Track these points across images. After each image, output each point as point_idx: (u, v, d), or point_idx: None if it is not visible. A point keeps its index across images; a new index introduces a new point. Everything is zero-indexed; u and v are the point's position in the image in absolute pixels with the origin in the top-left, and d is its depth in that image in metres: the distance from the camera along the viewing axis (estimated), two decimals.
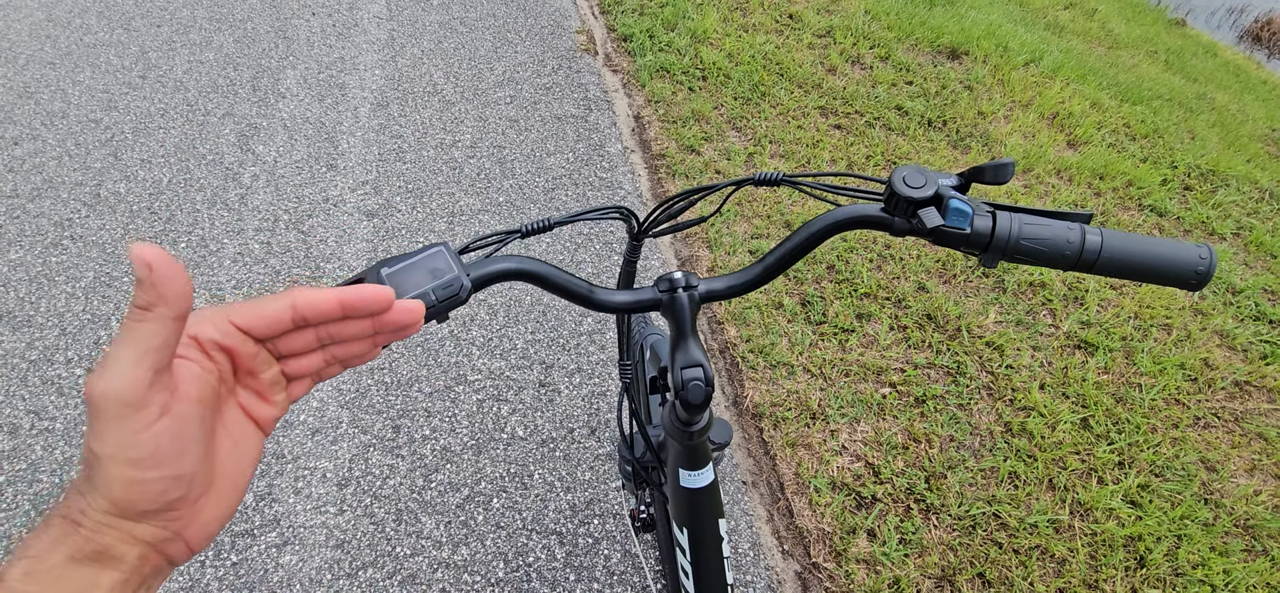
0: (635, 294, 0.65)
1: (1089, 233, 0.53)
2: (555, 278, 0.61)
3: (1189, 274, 0.53)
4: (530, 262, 0.60)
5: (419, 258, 0.52)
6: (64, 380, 1.85)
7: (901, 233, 0.57)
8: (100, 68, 2.98)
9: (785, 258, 0.63)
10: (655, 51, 3.31)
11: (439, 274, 0.52)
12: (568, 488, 1.70)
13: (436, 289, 0.51)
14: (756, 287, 0.65)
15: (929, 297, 2.20)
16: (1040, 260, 0.54)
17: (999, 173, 0.54)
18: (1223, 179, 3.02)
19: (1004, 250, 0.54)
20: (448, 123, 2.83)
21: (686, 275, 0.65)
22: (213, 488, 0.36)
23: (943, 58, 3.57)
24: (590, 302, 0.63)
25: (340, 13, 3.49)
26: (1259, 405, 2.01)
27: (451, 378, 1.91)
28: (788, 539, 1.65)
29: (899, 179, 0.55)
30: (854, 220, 0.59)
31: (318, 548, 1.56)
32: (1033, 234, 0.53)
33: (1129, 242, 0.53)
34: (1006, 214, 0.54)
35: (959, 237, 0.54)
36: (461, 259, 0.55)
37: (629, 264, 0.83)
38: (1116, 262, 0.53)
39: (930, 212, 0.54)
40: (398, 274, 0.51)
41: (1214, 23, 6.18)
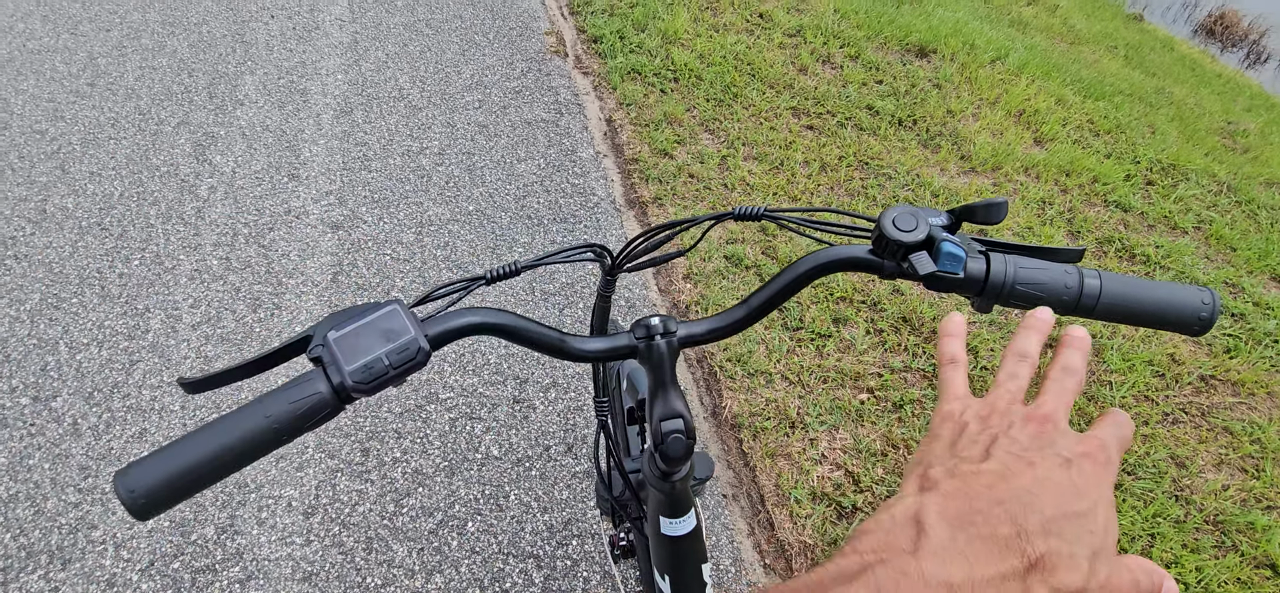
0: (610, 341, 0.62)
1: (1088, 276, 0.51)
2: (524, 330, 0.57)
3: (1192, 320, 0.51)
4: (496, 314, 0.56)
5: (371, 319, 0.48)
6: (8, 411, 1.75)
7: (891, 276, 0.55)
8: (45, 75, 2.84)
9: (769, 301, 0.60)
10: (626, 53, 3.27)
11: (392, 336, 0.48)
12: (545, 508, 1.66)
13: (390, 353, 0.47)
14: (740, 330, 0.62)
15: (904, 300, 2.20)
16: (1037, 305, 0.52)
17: (990, 213, 0.52)
18: (1183, 173, 3.09)
19: (999, 295, 0.52)
20: (414, 129, 2.75)
21: (665, 320, 0.62)
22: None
23: (911, 56, 3.59)
24: (563, 352, 0.60)
25: (300, 15, 3.38)
26: (1224, 399, 2.05)
27: (422, 397, 1.86)
28: (769, 553, 1.63)
29: (888, 222, 0.53)
30: (840, 262, 0.57)
31: (283, 582, 1.50)
32: (1029, 278, 0.51)
33: (1128, 286, 0.51)
34: (1001, 256, 0.52)
35: (953, 281, 0.52)
36: (417, 315, 0.51)
37: (603, 301, 0.80)
38: (1116, 306, 0.51)
39: (922, 257, 0.52)
40: (347, 338, 0.47)
41: (1170, 17, 6.34)
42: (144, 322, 1.98)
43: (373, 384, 0.47)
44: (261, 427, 0.44)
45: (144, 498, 0.42)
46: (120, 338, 1.94)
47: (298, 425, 0.45)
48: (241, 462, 0.44)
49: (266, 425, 0.44)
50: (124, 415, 1.77)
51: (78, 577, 1.49)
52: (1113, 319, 0.52)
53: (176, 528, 1.57)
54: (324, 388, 0.46)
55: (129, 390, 1.82)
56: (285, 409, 0.45)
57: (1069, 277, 0.51)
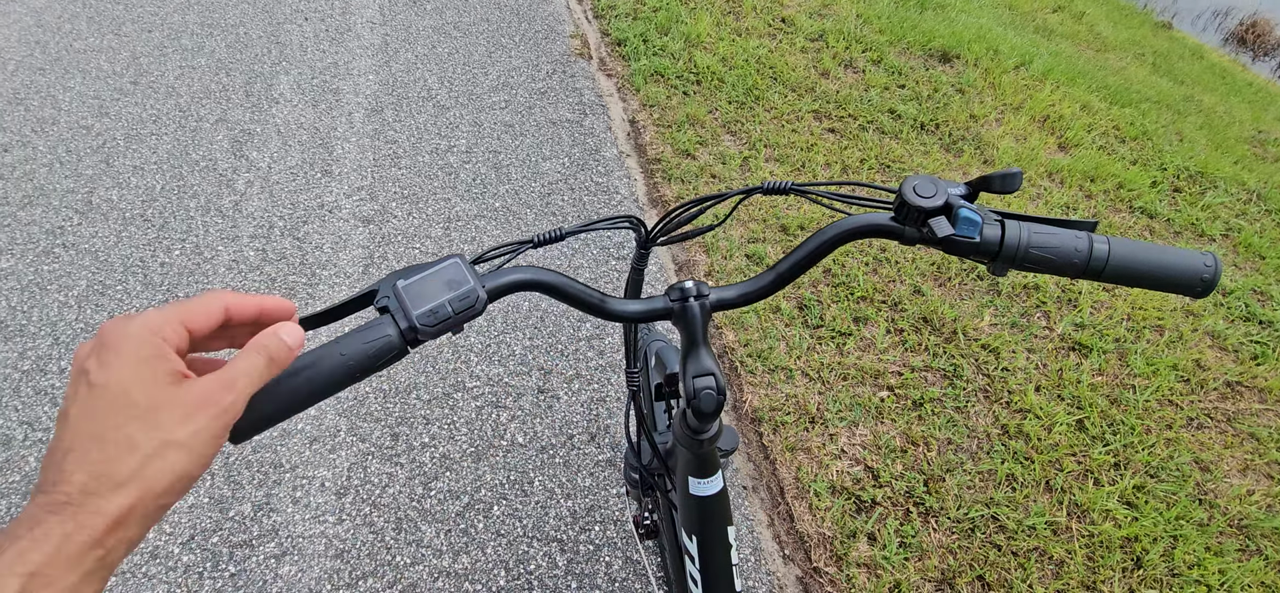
0: (647, 303, 0.66)
1: (1096, 241, 0.54)
2: (569, 288, 0.61)
3: (1194, 281, 0.54)
4: (544, 272, 0.60)
5: (435, 269, 0.52)
6: (57, 391, 1.83)
7: (911, 241, 0.58)
8: (91, 74, 2.96)
9: (796, 266, 0.64)
10: (649, 56, 3.31)
11: (455, 286, 0.52)
12: (568, 495, 1.70)
13: (453, 301, 0.51)
14: (768, 295, 0.66)
15: (925, 300, 2.21)
16: (1049, 268, 0.55)
17: (1007, 182, 0.55)
18: (1211, 181, 3.06)
19: (1013, 258, 0.54)
20: (443, 128, 2.82)
21: (698, 285, 0.65)
22: None
23: (934, 61, 3.59)
24: (603, 311, 0.64)
25: (333, 17, 3.48)
26: (1250, 405, 2.03)
27: (450, 385, 1.91)
28: (788, 544, 1.66)
29: (909, 188, 0.56)
30: (864, 229, 0.60)
31: (317, 558, 1.55)
32: (1041, 243, 0.54)
33: (1135, 250, 0.54)
34: (1016, 222, 0.55)
35: (969, 245, 0.55)
36: (476, 270, 0.55)
37: (636, 272, 0.84)
38: (1123, 269, 0.54)
39: (940, 221, 0.55)
40: (413, 285, 0.51)
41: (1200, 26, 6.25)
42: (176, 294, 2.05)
43: (437, 327, 0.51)
44: (338, 364, 0.48)
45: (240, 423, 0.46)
46: None
47: (369, 365, 0.49)
48: (321, 395, 0.48)
49: (341, 363, 0.48)
50: None
51: None
52: (1121, 282, 0.54)
53: (215, 505, 1.63)
54: (392, 331, 0.50)
55: None
56: (359, 349, 0.49)
57: (1079, 242, 0.54)
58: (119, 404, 0.36)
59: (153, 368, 0.37)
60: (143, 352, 0.37)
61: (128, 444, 0.35)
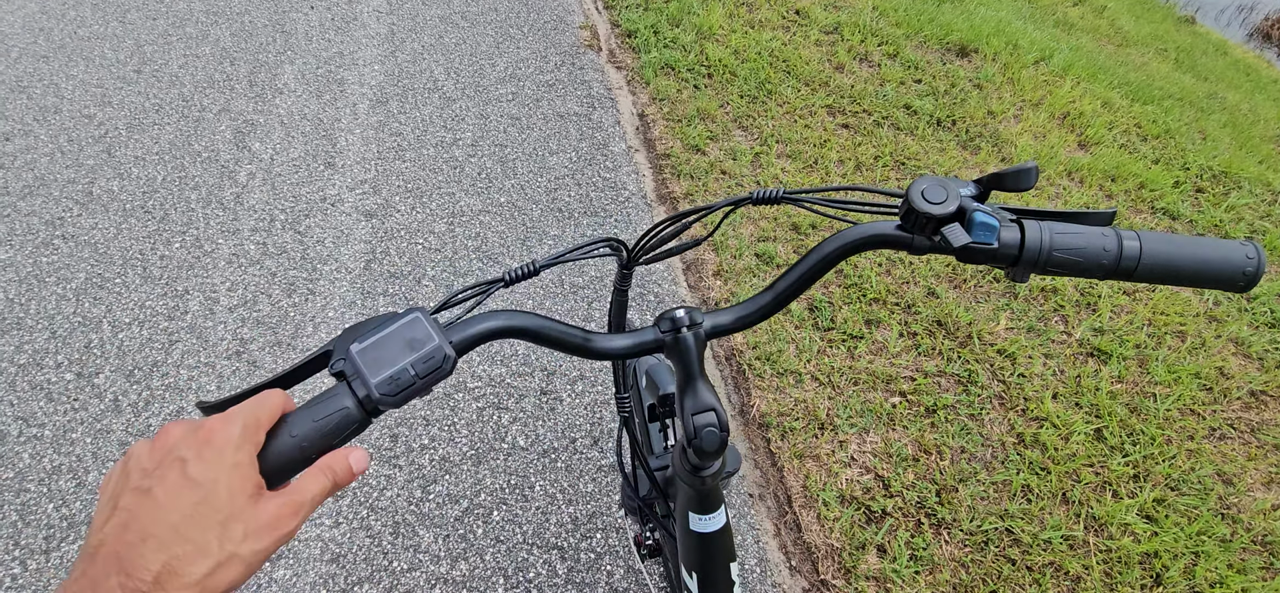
0: (636, 337, 0.60)
1: (1126, 238, 0.48)
2: (548, 331, 0.56)
3: (1237, 275, 0.48)
4: (519, 316, 0.55)
5: (393, 329, 0.47)
6: (54, 386, 1.81)
7: (922, 251, 0.52)
8: (94, 62, 2.93)
9: (795, 285, 0.58)
10: (660, 48, 3.25)
11: (417, 345, 0.46)
12: (570, 501, 1.66)
13: (416, 363, 0.46)
14: (766, 317, 0.61)
15: (939, 303, 2.15)
16: (1075, 271, 0.49)
17: (1020, 179, 0.49)
18: (1235, 181, 2.97)
19: (1036, 263, 0.49)
20: (448, 120, 2.78)
21: (690, 312, 0.60)
22: None
23: (951, 56, 3.51)
24: (588, 351, 0.58)
25: (339, 6, 3.43)
26: (1276, 416, 1.96)
27: (451, 386, 1.87)
28: (795, 555, 1.61)
29: (918, 194, 0.50)
30: (869, 240, 0.54)
31: (312, 562, 1.52)
32: (1066, 243, 0.48)
33: (1170, 244, 0.48)
34: (1034, 223, 0.49)
35: (987, 252, 0.49)
36: (439, 321, 0.49)
37: (620, 295, 0.78)
38: (1158, 267, 0.48)
39: (955, 228, 0.49)
40: (370, 349, 0.46)
41: (1223, 21, 6.10)
42: (183, 303, 2.03)
43: (400, 395, 0.45)
44: (289, 448, 0.43)
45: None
46: (160, 318, 1.98)
47: (325, 444, 0.44)
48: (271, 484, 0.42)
49: (293, 445, 0.43)
50: (163, 394, 1.81)
51: None
52: (1155, 280, 0.49)
53: None
54: (350, 403, 0.44)
55: (168, 370, 1.86)
56: (311, 428, 0.43)
57: (1107, 239, 0.48)
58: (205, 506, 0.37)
59: (242, 478, 0.39)
60: (238, 460, 0.39)
61: (202, 549, 0.36)
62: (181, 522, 0.36)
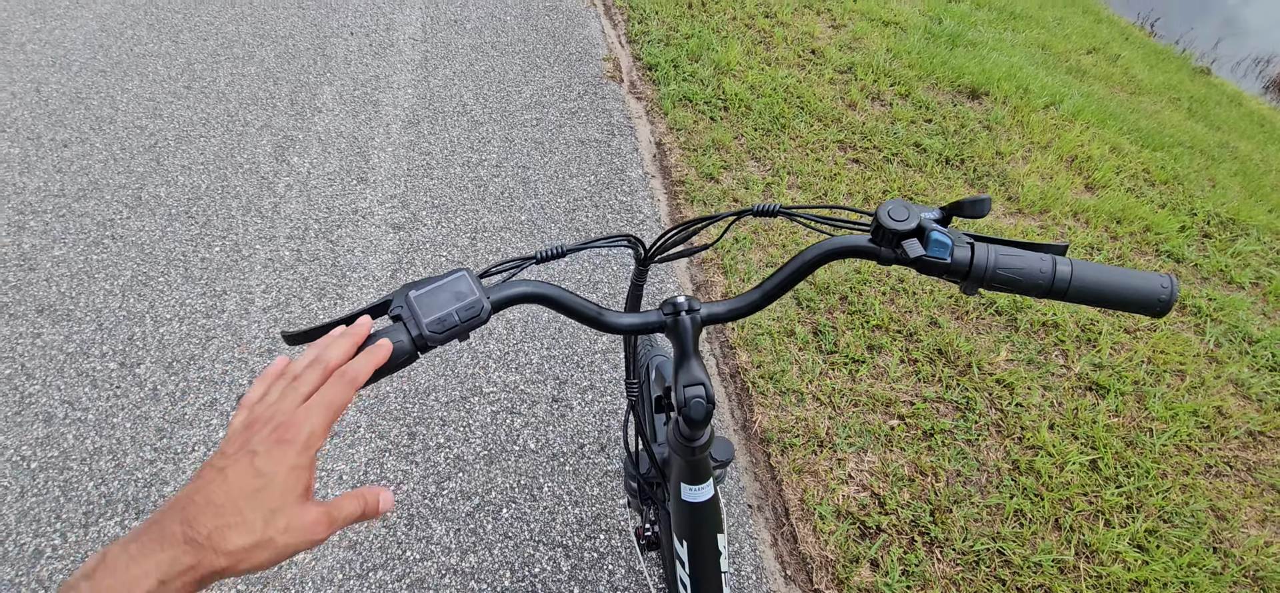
0: (642, 317, 0.70)
1: (1060, 263, 0.57)
2: (567, 301, 0.66)
3: (1153, 301, 0.56)
4: (545, 286, 0.65)
5: (443, 282, 0.57)
6: (98, 374, 1.93)
7: (887, 262, 0.61)
8: (148, 77, 3.12)
9: (781, 284, 0.68)
10: (679, 81, 3.39)
11: (462, 297, 0.57)
12: (576, 502, 1.73)
13: (460, 310, 0.56)
14: (756, 310, 0.70)
15: (941, 332, 2.21)
16: (1016, 288, 0.58)
17: (977, 207, 0.58)
18: (1243, 228, 3.01)
19: (982, 279, 0.58)
20: (475, 142, 2.92)
21: (689, 300, 0.70)
22: None
23: (963, 98, 3.61)
24: (599, 323, 0.68)
25: (377, 33, 3.63)
26: (1273, 456, 1.99)
27: (468, 389, 1.96)
28: (791, 564, 1.67)
29: (885, 212, 0.60)
30: (844, 250, 0.64)
31: (330, 548, 1.61)
32: (1009, 264, 0.57)
33: (1098, 272, 0.57)
34: (985, 245, 0.58)
35: (940, 266, 0.58)
36: (481, 283, 0.60)
37: (636, 288, 0.88)
38: (1086, 289, 0.57)
39: (913, 243, 0.58)
40: (424, 296, 0.56)
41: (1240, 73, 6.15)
42: (221, 303, 2.15)
43: (445, 334, 0.56)
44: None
45: None
46: (199, 316, 2.11)
47: (384, 368, 0.54)
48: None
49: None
50: (198, 386, 1.93)
51: None
52: (1084, 302, 0.57)
53: None
54: (404, 337, 0.55)
55: (204, 363, 1.98)
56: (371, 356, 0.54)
57: (1044, 263, 0.57)
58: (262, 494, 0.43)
59: (297, 480, 0.44)
60: (299, 463, 0.45)
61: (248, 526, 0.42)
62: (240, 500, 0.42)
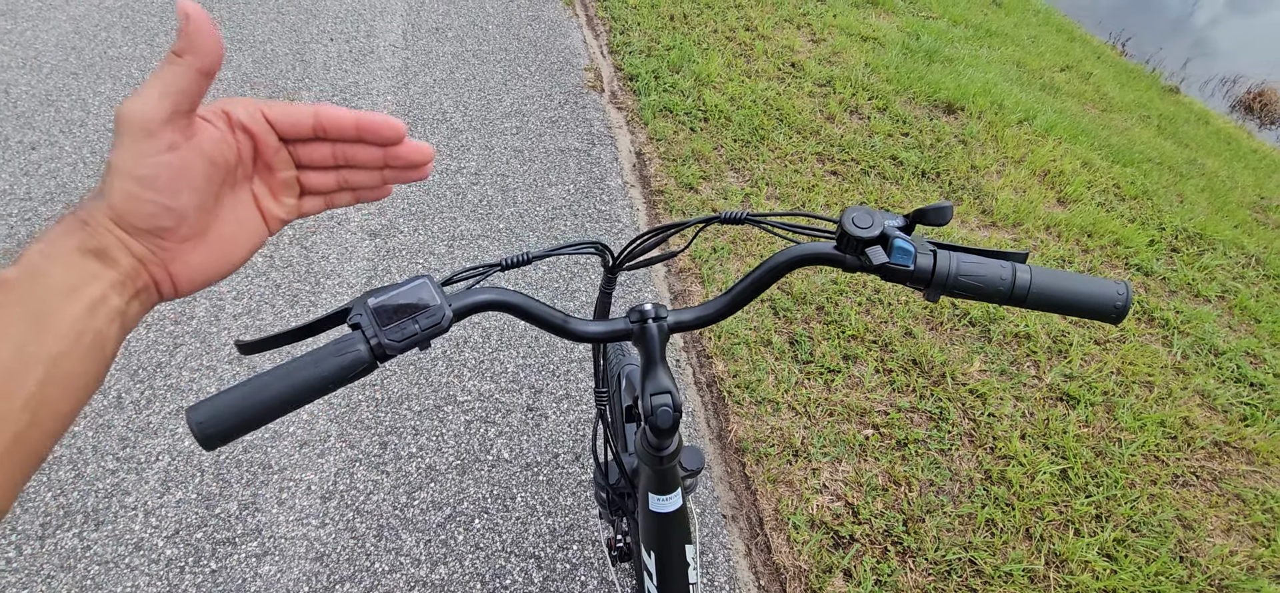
0: (608, 324, 0.69)
1: (1020, 270, 0.58)
2: (533, 309, 0.65)
3: (1109, 308, 0.57)
4: (509, 294, 0.64)
5: (404, 289, 0.56)
6: None
7: (852, 269, 0.61)
8: (122, 80, 3.08)
9: (748, 291, 0.68)
10: (660, 92, 3.40)
11: (422, 304, 0.55)
12: (549, 512, 1.72)
13: (419, 318, 0.54)
14: (722, 318, 0.69)
15: (916, 342, 2.23)
16: (977, 295, 0.58)
17: (939, 215, 0.59)
18: (1210, 243, 3.08)
19: (944, 285, 0.58)
20: (454, 149, 2.90)
21: (656, 307, 0.69)
22: (205, 241, 0.42)
23: (939, 112, 3.66)
24: (565, 331, 0.67)
25: (358, 40, 3.61)
26: (1238, 467, 2.03)
27: (441, 398, 1.94)
28: (765, 575, 1.66)
29: (849, 220, 0.60)
30: (809, 257, 0.64)
31: (297, 559, 1.58)
32: (970, 271, 0.58)
33: (1056, 278, 0.58)
34: (947, 253, 0.59)
35: (903, 273, 0.58)
36: (444, 291, 0.59)
37: (604, 296, 0.87)
38: (1044, 296, 0.58)
39: (877, 250, 0.59)
40: (383, 304, 0.54)
41: (1208, 91, 6.31)
42: (190, 309, 2.11)
43: (404, 343, 0.54)
44: (311, 377, 0.51)
45: (212, 430, 0.49)
46: (167, 323, 2.07)
47: (340, 377, 0.52)
48: (292, 405, 0.51)
49: (315, 375, 0.52)
50: (164, 393, 1.89)
51: (108, 538, 1.59)
52: (1043, 308, 0.58)
53: (202, 501, 1.66)
54: (363, 348, 0.53)
55: (171, 371, 1.94)
56: (331, 364, 0.52)
57: (1004, 271, 0.58)
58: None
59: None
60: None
61: None
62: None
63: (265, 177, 0.45)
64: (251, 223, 0.44)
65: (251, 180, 0.44)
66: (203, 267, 0.42)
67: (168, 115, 0.36)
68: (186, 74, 0.36)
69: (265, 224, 0.45)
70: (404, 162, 0.46)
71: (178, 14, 0.36)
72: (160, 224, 0.39)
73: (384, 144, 0.46)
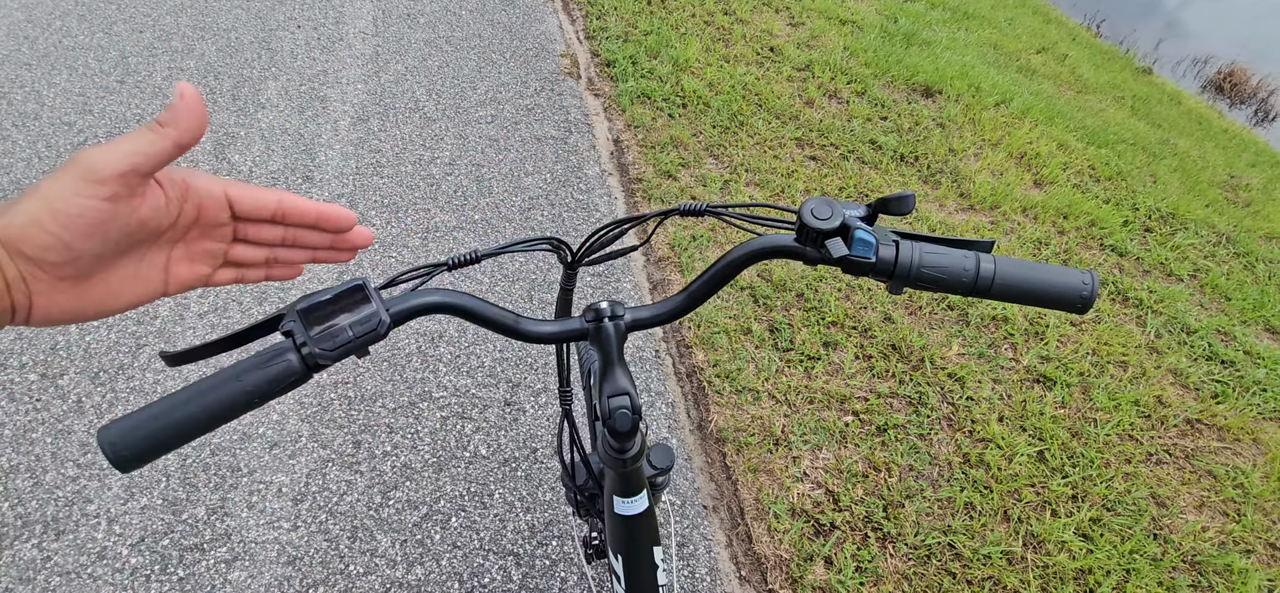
0: (562, 324, 0.66)
1: (984, 261, 0.56)
2: (480, 310, 0.62)
3: (1074, 298, 0.56)
4: (453, 295, 0.60)
5: (337, 293, 0.52)
6: (16, 386, 1.81)
7: (812, 262, 0.59)
8: (78, 71, 2.97)
9: (707, 286, 0.65)
10: (637, 78, 3.36)
11: (356, 310, 0.52)
12: (527, 508, 1.69)
13: (353, 325, 0.51)
14: (681, 314, 0.67)
15: (894, 327, 2.23)
16: (941, 286, 0.56)
17: (901, 204, 0.57)
18: (1182, 222, 3.12)
19: (907, 277, 0.56)
20: (427, 139, 2.84)
21: (613, 305, 0.66)
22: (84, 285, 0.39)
23: (917, 96, 3.66)
24: (516, 332, 0.64)
25: (326, 27, 3.51)
26: (1209, 444, 2.06)
27: (416, 394, 1.90)
28: (745, 565, 1.66)
29: (807, 211, 0.57)
30: (769, 250, 0.61)
31: (268, 564, 1.54)
32: (933, 262, 0.56)
33: (1021, 269, 0.56)
34: (909, 243, 0.56)
35: (865, 265, 0.56)
36: (381, 295, 0.55)
37: (565, 293, 0.84)
38: (1009, 287, 0.56)
39: (836, 242, 0.56)
40: (315, 312, 0.51)
41: (1180, 72, 6.39)
42: (153, 309, 2.05)
43: (336, 352, 0.50)
44: (235, 392, 0.48)
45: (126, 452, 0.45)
46: (129, 322, 2.00)
47: (268, 391, 0.49)
48: (215, 423, 0.48)
49: (239, 390, 0.48)
50: (127, 396, 1.83)
51: (70, 548, 1.53)
52: (1008, 299, 0.56)
53: (168, 506, 1.61)
54: (293, 358, 0.49)
55: (134, 373, 1.88)
56: (257, 376, 0.48)
57: (968, 261, 0.56)
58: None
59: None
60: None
61: None
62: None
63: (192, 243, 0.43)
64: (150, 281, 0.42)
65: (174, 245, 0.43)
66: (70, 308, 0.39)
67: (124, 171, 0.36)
68: (161, 143, 0.36)
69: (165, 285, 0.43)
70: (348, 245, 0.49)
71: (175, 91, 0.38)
72: (49, 258, 0.36)
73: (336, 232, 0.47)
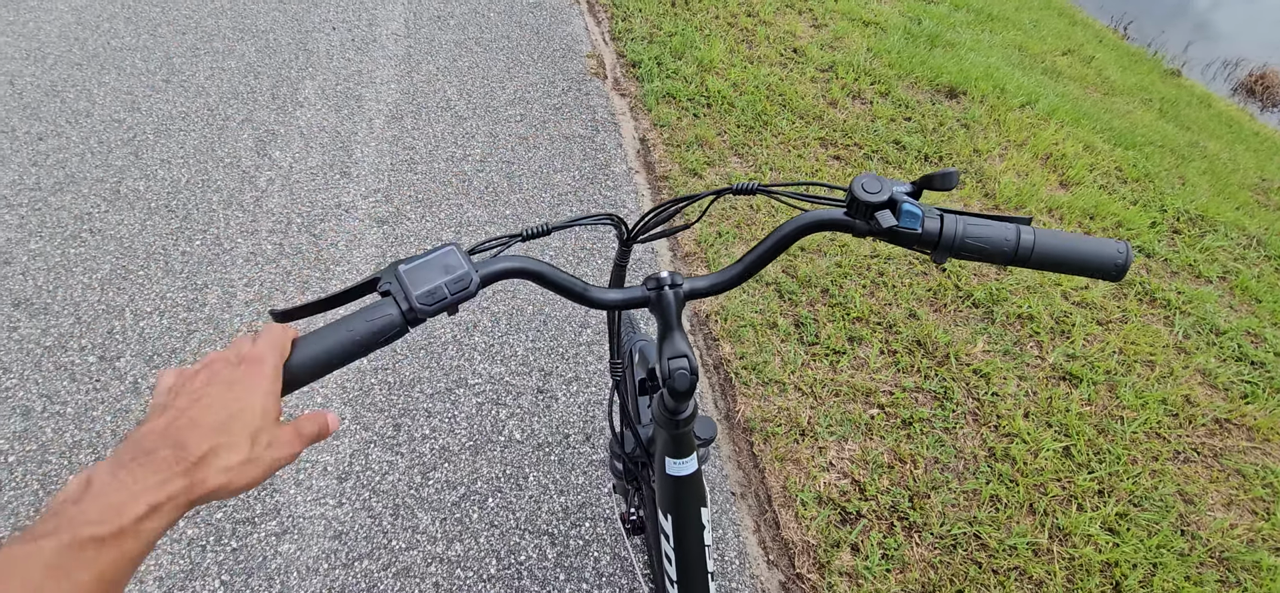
0: (626, 292, 0.72)
1: (1024, 232, 0.60)
2: (554, 277, 0.68)
3: (1110, 266, 0.60)
4: (532, 262, 0.66)
5: (433, 256, 0.58)
6: (77, 367, 1.91)
7: (862, 234, 0.64)
8: (125, 70, 3.09)
9: (761, 258, 0.70)
10: (662, 78, 3.41)
11: (451, 270, 0.58)
12: (561, 491, 1.75)
13: (449, 284, 0.57)
14: (737, 284, 0.72)
15: (919, 324, 2.26)
16: (983, 256, 0.61)
17: (946, 180, 0.61)
18: (1211, 224, 3.10)
19: (951, 248, 0.60)
20: (459, 137, 2.92)
21: (672, 275, 0.72)
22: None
23: (941, 96, 3.67)
24: (585, 298, 0.70)
25: (360, 29, 3.61)
26: (1238, 443, 2.06)
27: (453, 381, 1.97)
28: (773, 550, 1.69)
29: (858, 186, 0.62)
30: (820, 223, 0.66)
31: (316, 538, 1.61)
32: (976, 233, 0.60)
33: (1059, 239, 0.60)
34: (953, 216, 0.61)
35: (911, 236, 0.61)
36: (470, 258, 0.61)
37: (619, 268, 0.90)
38: (1048, 256, 0.60)
39: (886, 214, 0.61)
40: (413, 270, 0.57)
41: (1209, 75, 6.31)
42: (202, 296, 2.14)
43: (434, 307, 0.57)
44: (346, 339, 0.54)
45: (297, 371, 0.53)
46: (180, 309, 2.09)
47: (372, 341, 0.55)
48: (330, 367, 0.54)
49: (349, 339, 0.54)
50: None
51: None
52: (1047, 268, 0.60)
53: None
54: (394, 312, 0.56)
55: (185, 357, 1.97)
56: (364, 327, 0.55)
57: (1008, 233, 0.60)
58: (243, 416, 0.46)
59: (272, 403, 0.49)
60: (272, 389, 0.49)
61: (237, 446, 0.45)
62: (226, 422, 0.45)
63: None
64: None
65: None
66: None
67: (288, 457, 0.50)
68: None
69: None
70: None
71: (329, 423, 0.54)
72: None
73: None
